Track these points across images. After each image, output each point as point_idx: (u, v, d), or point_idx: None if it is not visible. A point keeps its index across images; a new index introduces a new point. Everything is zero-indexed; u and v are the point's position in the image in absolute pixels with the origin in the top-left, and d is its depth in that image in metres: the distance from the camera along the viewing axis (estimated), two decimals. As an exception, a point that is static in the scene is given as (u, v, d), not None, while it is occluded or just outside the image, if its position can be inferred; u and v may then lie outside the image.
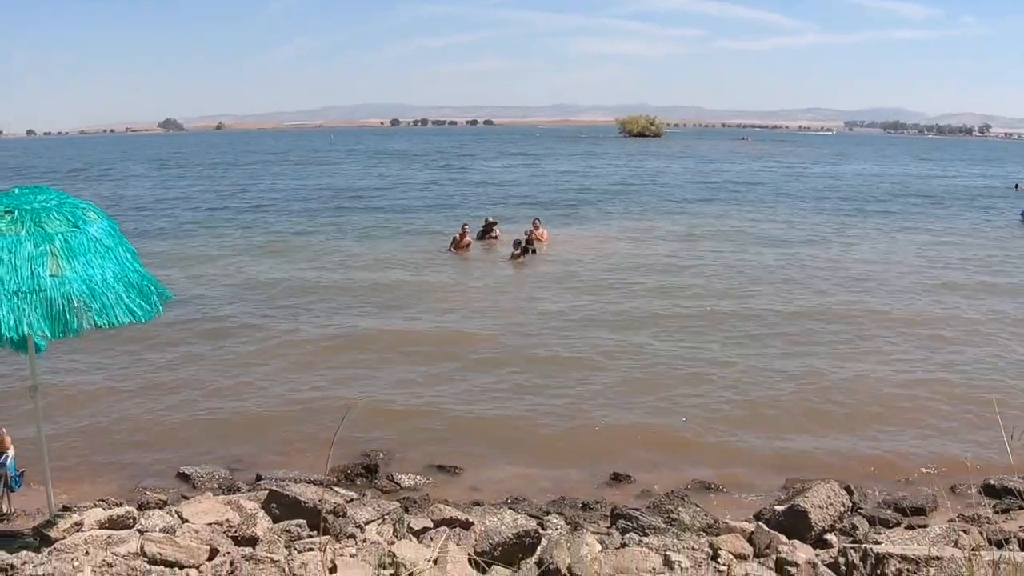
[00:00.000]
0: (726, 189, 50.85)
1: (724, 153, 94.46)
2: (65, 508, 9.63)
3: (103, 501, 9.87)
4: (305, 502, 8.88)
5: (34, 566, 6.05)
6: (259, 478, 11.04)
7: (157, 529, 8.13)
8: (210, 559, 7.53)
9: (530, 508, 10.46)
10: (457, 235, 28.66)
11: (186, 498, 10.31)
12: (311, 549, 8.13)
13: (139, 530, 8.13)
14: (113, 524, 8.21)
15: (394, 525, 9.40)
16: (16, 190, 7.73)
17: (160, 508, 9.11)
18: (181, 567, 7.23)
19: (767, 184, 55.47)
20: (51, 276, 7.03)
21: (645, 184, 53.25)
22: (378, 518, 9.32)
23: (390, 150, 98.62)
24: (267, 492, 9.30)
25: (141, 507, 9.33)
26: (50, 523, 8.06)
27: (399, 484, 11.27)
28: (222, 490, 10.68)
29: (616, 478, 11.65)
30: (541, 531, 8.81)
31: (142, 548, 7.42)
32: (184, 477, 11.19)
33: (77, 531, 7.99)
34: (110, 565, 6.40)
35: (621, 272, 25.10)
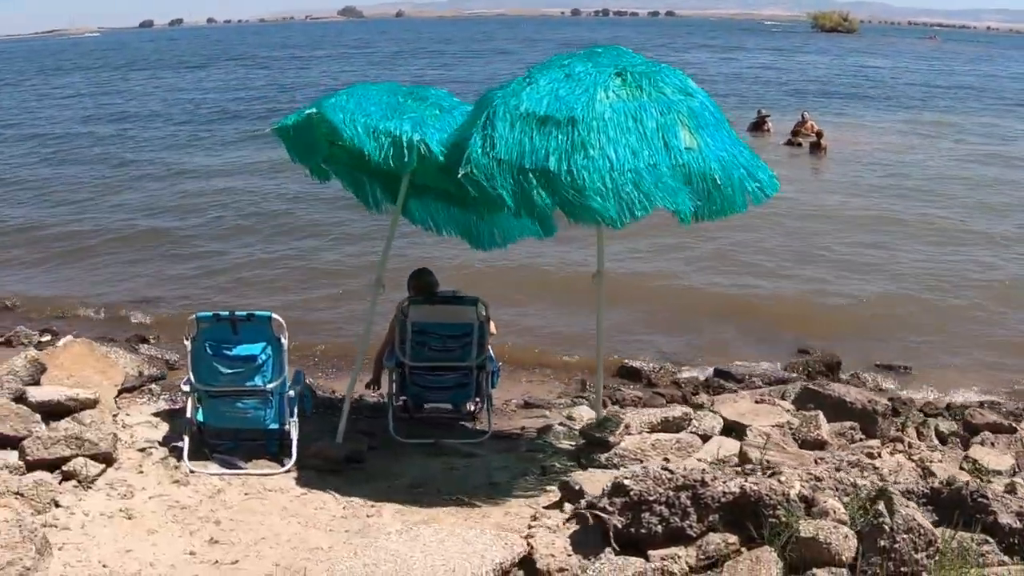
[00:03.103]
0: (968, 92, 45.10)
1: (930, 52, 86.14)
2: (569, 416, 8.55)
3: (580, 397, 9.04)
4: (852, 403, 7.83)
5: (723, 482, 4.99)
6: (719, 373, 9.94)
7: (716, 431, 7.12)
8: (802, 466, 6.47)
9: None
10: None
11: (655, 396, 9.27)
12: (870, 454, 7.09)
13: (695, 432, 7.11)
14: (667, 426, 7.16)
15: (917, 428, 8.27)
16: (599, 49, 6.41)
17: (697, 408, 8.00)
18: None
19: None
20: (686, 149, 5.75)
21: (872, 82, 48.47)
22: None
23: (584, 39, 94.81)
24: (800, 390, 8.28)
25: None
26: (601, 425, 6.95)
27: (864, 382, 9.92)
28: (678, 385, 9.66)
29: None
30: None
31: (745, 454, 6.41)
32: (633, 373, 10.08)
33: (627, 434, 6.99)
34: (818, 479, 5.32)
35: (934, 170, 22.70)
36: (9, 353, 8.55)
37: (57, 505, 5.85)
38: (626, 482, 5.09)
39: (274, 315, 6.61)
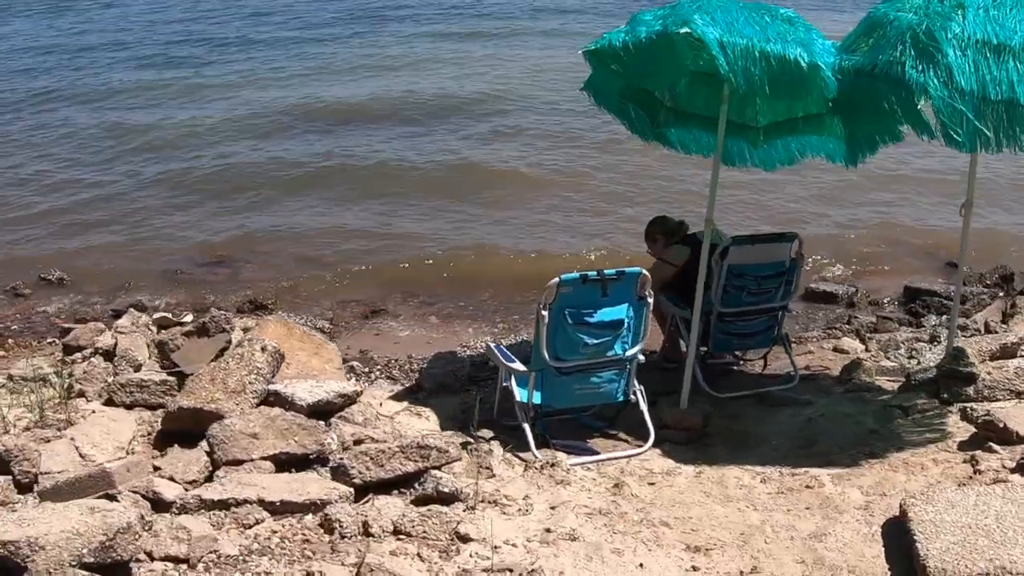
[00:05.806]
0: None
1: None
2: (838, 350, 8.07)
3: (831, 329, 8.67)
4: None
5: None
6: (914, 291, 9.61)
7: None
8: None
9: None
10: None
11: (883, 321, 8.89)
12: None
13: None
14: (1005, 353, 6.79)
15: None
16: None
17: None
18: None
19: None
20: None
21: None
22: None
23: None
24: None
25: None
26: (956, 358, 6.40)
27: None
28: (878, 304, 9.47)
29: None
30: None
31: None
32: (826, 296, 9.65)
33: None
34: None
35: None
36: (207, 345, 7.20)
37: (463, 539, 4.74)
38: None
39: (644, 271, 5.89)
